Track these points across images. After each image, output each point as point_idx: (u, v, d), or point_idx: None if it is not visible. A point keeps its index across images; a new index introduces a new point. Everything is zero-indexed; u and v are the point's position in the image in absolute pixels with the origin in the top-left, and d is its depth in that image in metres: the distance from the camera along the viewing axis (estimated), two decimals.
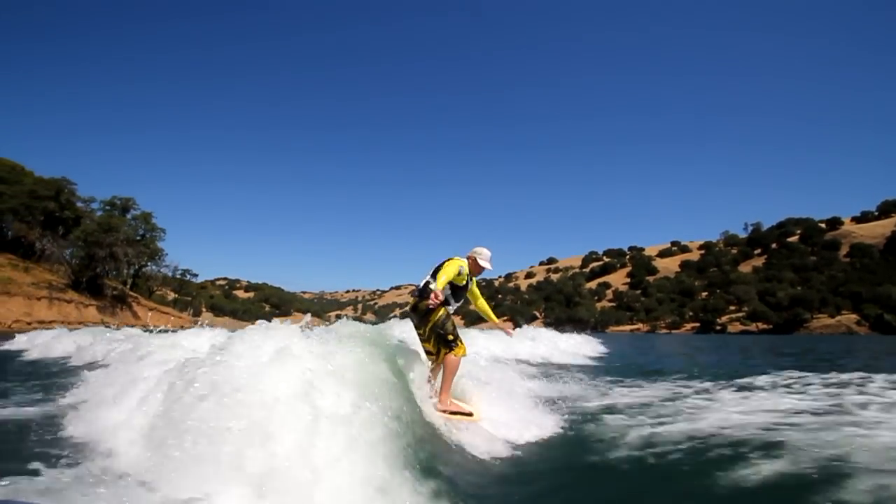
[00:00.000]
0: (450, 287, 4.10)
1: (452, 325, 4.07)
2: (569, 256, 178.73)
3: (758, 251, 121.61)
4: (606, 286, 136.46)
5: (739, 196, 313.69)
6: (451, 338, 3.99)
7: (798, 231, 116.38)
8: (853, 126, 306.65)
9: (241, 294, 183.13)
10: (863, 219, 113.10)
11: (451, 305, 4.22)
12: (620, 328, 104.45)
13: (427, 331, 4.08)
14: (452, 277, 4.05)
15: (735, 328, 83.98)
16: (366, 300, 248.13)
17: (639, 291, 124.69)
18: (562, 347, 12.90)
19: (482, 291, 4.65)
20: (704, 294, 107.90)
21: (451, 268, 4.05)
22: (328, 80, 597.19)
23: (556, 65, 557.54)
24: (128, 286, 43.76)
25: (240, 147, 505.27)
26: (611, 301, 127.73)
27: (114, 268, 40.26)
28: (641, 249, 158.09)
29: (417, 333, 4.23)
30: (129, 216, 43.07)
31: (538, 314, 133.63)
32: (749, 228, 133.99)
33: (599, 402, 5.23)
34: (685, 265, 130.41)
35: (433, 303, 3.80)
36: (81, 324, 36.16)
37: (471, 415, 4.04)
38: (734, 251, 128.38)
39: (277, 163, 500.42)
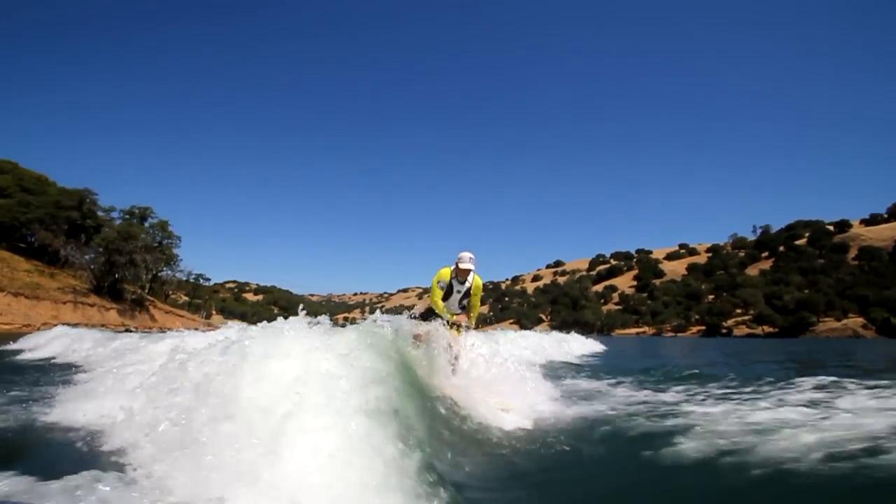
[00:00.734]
0: (444, 291, 5.24)
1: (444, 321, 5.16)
2: (576, 259, 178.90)
3: (765, 254, 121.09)
4: (613, 289, 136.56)
5: (749, 198, 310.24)
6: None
7: (806, 234, 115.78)
8: (863, 128, 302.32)
9: (251, 297, 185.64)
10: (872, 221, 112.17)
11: (450, 304, 5.28)
12: (626, 331, 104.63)
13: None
14: (436, 288, 5.22)
15: (741, 331, 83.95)
16: (373, 302, 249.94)
17: (645, 294, 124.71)
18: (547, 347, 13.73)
19: (490, 294, 5.89)
20: (711, 297, 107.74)
21: (433, 281, 5.24)
22: (334, 83, 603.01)
23: (563, 67, 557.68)
24: (145, 290, 45.76)
25: (247, 150, 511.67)
26: (617, 304, 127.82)
27: (133, 273, 42.22)
28: (649, 252, 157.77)
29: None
30: (147, 224, 45.18)
31: (544, 317, 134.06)
32: (758, 231, 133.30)
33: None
34: (692, 268, 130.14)
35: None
36: (103, 326, 38.00)
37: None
38: (741, 254, 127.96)
39: (285, 166, 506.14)
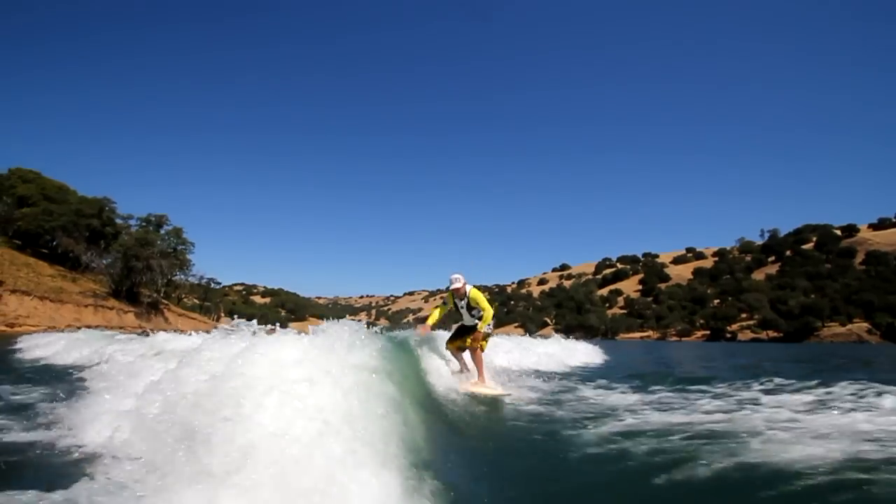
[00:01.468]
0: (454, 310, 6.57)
1: (456, 334, 6.56)
2: (582, 263, 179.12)
3: (772, 258, 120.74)
4: (618, 293, 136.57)
5: (759, 202, 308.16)
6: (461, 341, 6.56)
7: (814, 238, 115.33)
8: (873, 133, 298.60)
9: (259, 299, 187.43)
10: (880, 226, 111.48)
11: (465, 318, 6.45)
12: (630, 335, 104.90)
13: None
14: (434, 311, 6.61)
15: (745, 336, 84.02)
16: (379, 306, 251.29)
17: (650, 299, 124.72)
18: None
19: (496, 297, 7.29)
20: (716, 302, 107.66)
21: (438, 305, 6.67)
22: (343, 85, 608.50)
23: (572, 69, 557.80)
24: (160, 294, 47.68)
25: (255, 153, 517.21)
26: (622, 308, 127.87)
27: (149, 278, 44.10)
28: (656, 256, 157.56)
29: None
30: (163, 231, 47.11)
31: (549, 321, 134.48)
32: (766, 235, 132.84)
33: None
34: (698, 272, 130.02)
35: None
36: (122, 328, 39.86)
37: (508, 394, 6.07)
38: (748, 258, 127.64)
39: (294, 169, 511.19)
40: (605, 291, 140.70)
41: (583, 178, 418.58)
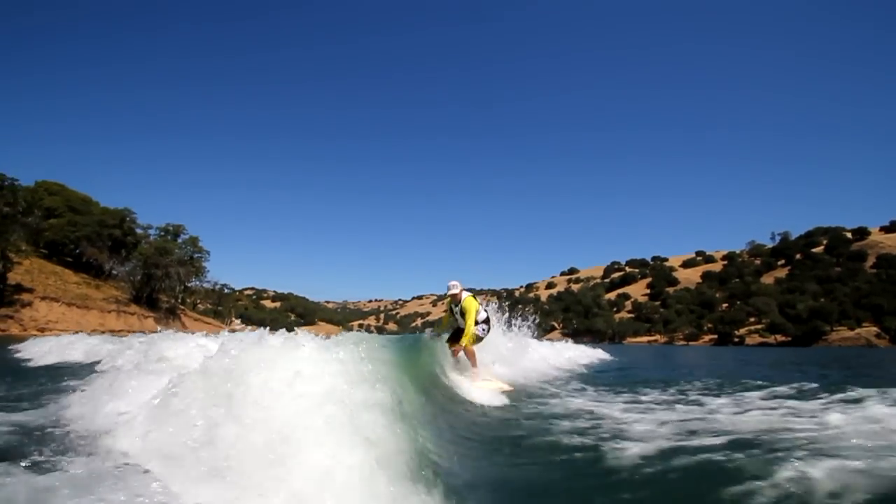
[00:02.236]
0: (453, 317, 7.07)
1: (452, 331, 7.13)
2: (591, 266, 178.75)
3: (781, 262, 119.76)
4: (626, 297, 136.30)
5: (770, 205, 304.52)
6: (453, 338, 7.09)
7: (824, 241, 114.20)
8: (886, 136, 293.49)
9: (269, 304, 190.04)
10: (892, 228, 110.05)
11: (459, 323, 6.84)
12: (637, 339, 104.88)
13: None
14: (445, 314, 7.32)
15: (753, 340, 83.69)
16: (388, 310, 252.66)
17: (658, 303, 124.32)
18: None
19: (504, 302, 8.25)
20: (724, 305, 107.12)
21: (446, 306, 7.30)
22: (350, 90, 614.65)
23: (582, 74, 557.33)
24: (178, 300, 49.76)
25: (264, 156, 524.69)
26: (630, 312, 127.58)
27: (167, 285, 46.14)
28: (665, 260, 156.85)
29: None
30: (180, 240, 49.19)
31: (556, 325, 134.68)
32: (776, 238, 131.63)
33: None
34: (706, 276, 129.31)
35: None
36: (142, 332, 41.92)
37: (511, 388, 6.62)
38: (758, 262, 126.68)
39: (304, 173, 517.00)
40: (613, 295, 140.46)
41: (594, 182, 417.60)
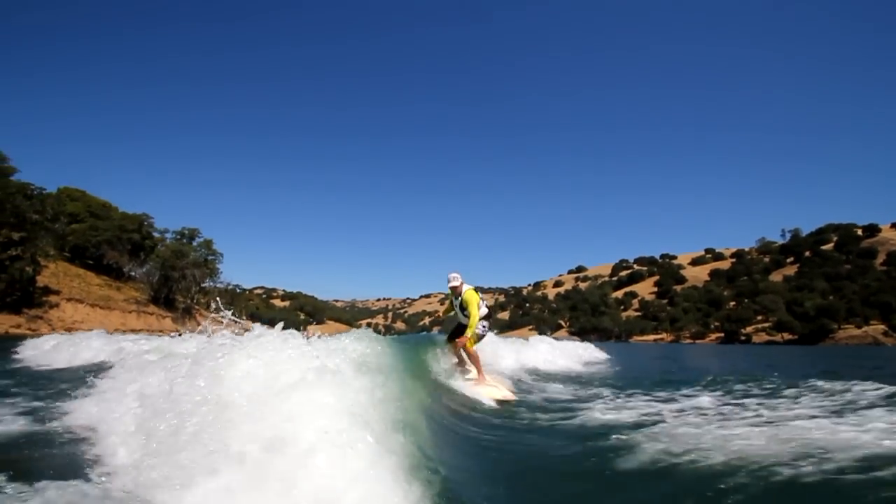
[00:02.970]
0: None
1: (453, 333, 6.83)
2: (599, 264, 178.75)
3: (790, 259, 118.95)
4: (633, 295, 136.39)
5: (782, 202, 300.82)
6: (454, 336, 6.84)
7: (834, 238, 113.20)
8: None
9: (278, 303, 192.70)
10: None
11: (459, 317, 6.60)
12: (644, 338, 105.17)
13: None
14: (448, 307, 7.04)
15: (760, 338, 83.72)
16: (396, 308, 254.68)
17: (665, 301, 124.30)
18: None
19: (511, 300, 9.42)
20: (732, 304, 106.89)
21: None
22: (358, 88, 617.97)
23: (591, 72, 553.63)
24: (193, 301, 51.92)
25: (272, 156, 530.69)
26: (637, 310, 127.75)
27: (184, 286, 48.35)
28: (674, 257, 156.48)
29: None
30: (195, 243, 51.42)
31: (563, 323, 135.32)
32: (787, 235, 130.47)
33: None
34: (714, 274, 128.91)
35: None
36: (161, 332, 44.01)
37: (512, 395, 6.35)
38: (766, 259, 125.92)
39: (314, 171, 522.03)
40: (621, 293, 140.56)
41: (605, 180, 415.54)
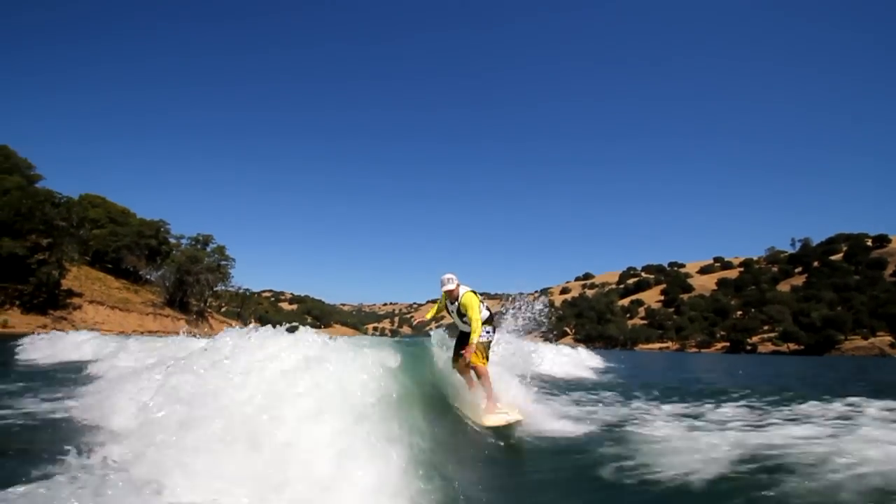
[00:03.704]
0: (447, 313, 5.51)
1: (456, 348, 5.38)
2: (606, 272, 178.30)
3: (798, 269, 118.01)
4: (639, 303, 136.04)
5: (791, 210, 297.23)
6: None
7: (844, 248, 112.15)
8: None
9: (286, 306, 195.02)
10: None
11: (458, 324, 5.38)
12: (650, 346, 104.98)
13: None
14: (433, 308, 5.94)
15: (766, 348, 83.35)
16: (402, 313, 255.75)
17: (672, 309, 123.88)
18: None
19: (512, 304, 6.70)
20: (739, 313, 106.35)
21: (437, 304, 5.74)
22: (368, 93, 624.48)
23: (601, 81, 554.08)
24: (206, 304, 53.86)
25: (285, 160, 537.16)
26: (643, 319, 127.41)
27: (198, 290, 50.30)
28: (681, 266, 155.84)
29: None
30: (209, 249, 53.46)
31: (569, 330, 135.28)
32: (797, 244, 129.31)
33: None
34: (722, 283, 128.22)
35: None
36: (176, 333, 45.95)
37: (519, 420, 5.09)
38: (775, 269, 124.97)
39: (322, 174, 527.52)
40: (627, 302, 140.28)
41: (614, 188, 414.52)
